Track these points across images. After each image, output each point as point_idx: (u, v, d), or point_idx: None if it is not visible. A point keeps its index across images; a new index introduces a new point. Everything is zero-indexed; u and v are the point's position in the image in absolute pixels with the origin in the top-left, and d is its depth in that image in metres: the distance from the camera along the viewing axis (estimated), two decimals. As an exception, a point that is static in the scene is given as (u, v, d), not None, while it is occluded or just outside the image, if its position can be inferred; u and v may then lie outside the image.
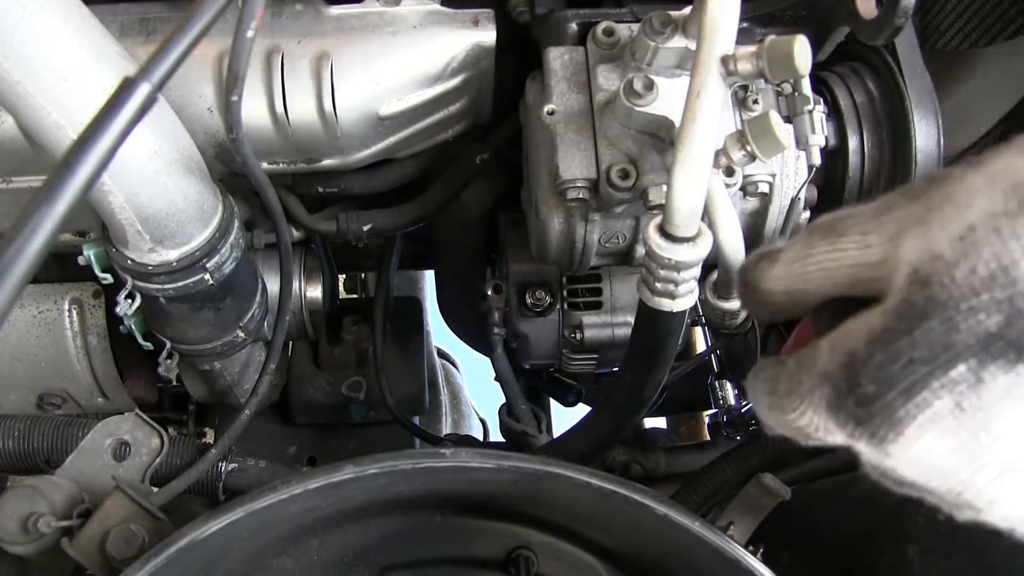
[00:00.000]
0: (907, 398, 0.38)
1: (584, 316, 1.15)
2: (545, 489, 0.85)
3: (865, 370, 0.39)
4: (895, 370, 0.38)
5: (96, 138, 0.47)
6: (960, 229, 0.37)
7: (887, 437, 0.39)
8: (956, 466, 0.39)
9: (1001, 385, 0.37)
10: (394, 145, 1.09)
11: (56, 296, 1.21)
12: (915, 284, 0.38)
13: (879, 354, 0.38)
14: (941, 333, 0.37)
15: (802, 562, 0.98)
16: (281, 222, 1.03)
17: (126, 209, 0.87)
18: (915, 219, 0.40)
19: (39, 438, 1.04)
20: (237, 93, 0.74)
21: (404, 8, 1.01)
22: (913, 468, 0.41)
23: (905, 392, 0.38)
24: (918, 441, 0.39)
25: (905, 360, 0.38)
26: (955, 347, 0.37)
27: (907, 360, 0.38)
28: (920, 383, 0.37)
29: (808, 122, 0.90)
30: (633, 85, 0.84)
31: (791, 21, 0.95)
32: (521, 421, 1.23)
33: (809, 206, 0.97)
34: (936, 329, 0.37)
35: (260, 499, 0.77)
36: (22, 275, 0.43)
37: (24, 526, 0.90)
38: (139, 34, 0.99)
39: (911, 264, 0.38)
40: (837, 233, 0.43)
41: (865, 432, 0.40)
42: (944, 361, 0.37)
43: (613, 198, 0.88)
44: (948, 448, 0.39)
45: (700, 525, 0.79)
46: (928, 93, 0.96)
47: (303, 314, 1.30)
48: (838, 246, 0.43)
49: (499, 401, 1.29)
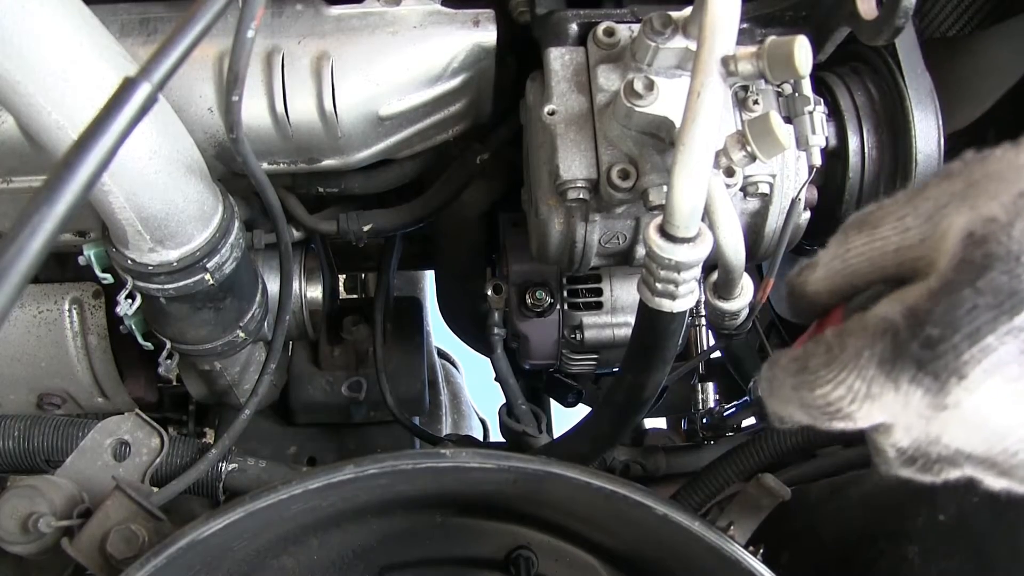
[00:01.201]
0: (972, 341, 0.38)
1: (584, 316, 1.15)
2: (545, 489, 0.85)
3: (930, 315, 0.39)
4: (960, 314, 0.38)
5: (96, 138, 0.47)
6: (1011, 196, 0.38)
7: (950, 381, 0.39)
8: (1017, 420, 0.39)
9: None
10: (394, 145, 1.09)
11: (56, 296, 1.21)
12: (971, 245, 0.39)
13: (944, 302, 0.39)
14: (1005, 282, 0.38)
15: (802, 562, 0.98)
16: (281, 222, 1.03)
17: (126, 209, 0.87)
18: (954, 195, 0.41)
19: (39, 438, 1.04)
20: (237, 93, 0.74)
21: (404, 8, 1.01)
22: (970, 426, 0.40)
23: (970, 336, 0.38)
24: (981, 386, 0.39)
25: (970, 305, 0.38)
26: (1020, 294, 0.37)
27: (972, 305, 0.38)
28: (986, 327, 0.38)
29: (808, 122, 0.90)
30: (633, 85, 0.84)
31: (791, 22, 0.95)
32: (521, 421, 1.23)
33: (809, 206, 0.97)
34: (999, 278, 0.38)
35: (260, 499, 0.77)
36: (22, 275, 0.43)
37: (24, 526, 0.90)
38: (139, 34, 0.99)
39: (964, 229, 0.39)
40: (872, 225, 0.44)
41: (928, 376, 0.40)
42: (1009, 307, 0.38)
43: (613, 198, 0.88)
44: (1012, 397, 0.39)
45: (700, 525, 0.79)
46: (928, 93, 0.96)
47: (303, 314, 1.30)
48: (876, 236, 0.44)
49: (499, 401, 1.29)
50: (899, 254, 0.43)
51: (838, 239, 0.46)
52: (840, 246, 0.46)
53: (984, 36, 1.11)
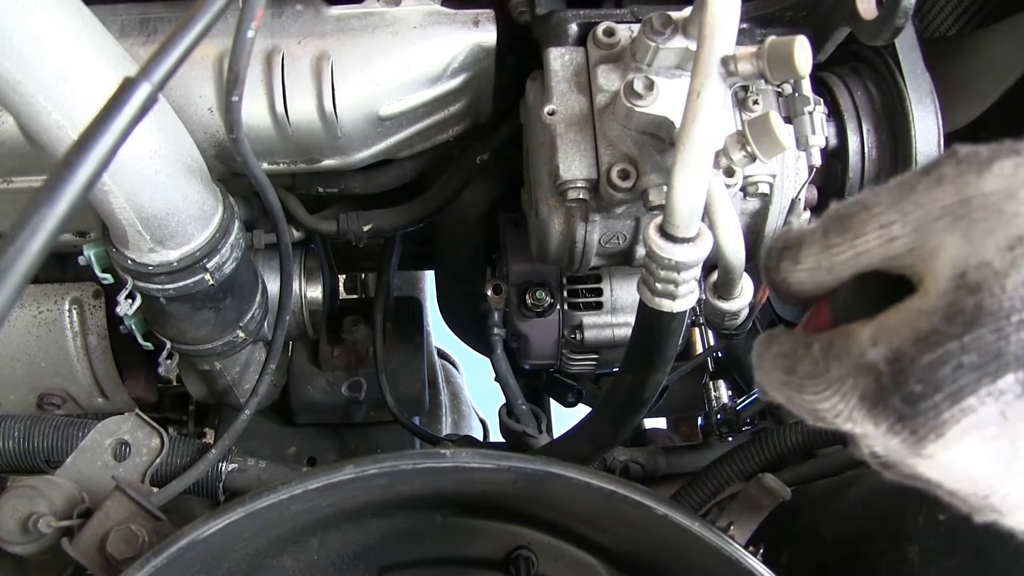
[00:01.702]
0: (953, 402, 0.38)
1: (584, 316, 1.15)
2: (545, 489, 0.85)
3: (913, 369, 0.39)
4: (944, 373, 0.38)
5: (96, 138, 0.47)
6: (1008, 239, 0.37)
7: (928, 437, 0.39)
8: (990, 472, 0.40)
9: None
10: (394, 145, 1.09)
11: (56, 296, 1.21)
12: (963, 289, 0.38)
13: (928, 355, 0.39)
14: (992, 342, 0.37)
15: (802, 562, 0.99)
16: (281, 222, 1.03)
17: (126, 209, 0.87)
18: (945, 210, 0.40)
19: (39, 438, 1.04)
20: (237, 93, 0.74)
21: (404, 8, 1.01)
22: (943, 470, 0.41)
23: (952, 396, 0.38)
24: (958, 444, 0.39)
25: (955, 364, 0.38)
26: (1005, 357, 0.37)
27: (957, 364, 0.38)
28: (968, 388, 0.38)
29: (808, 123, 0.90)
30: (633, 86, 0.84)
31: (791, 22, 0.95)
32: (521, 421, 1.23)
33: (809, 206, 0.97)
34: (987, 337, 0.37)
35: (260, 499, 0.77)
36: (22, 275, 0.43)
37: (24, 526, 0.90)
38: (139, 34, 0.99)
39: (956, 267, 0.39)
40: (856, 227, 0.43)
41: (906, 430, 0.40)
42: (994, 369, 0.37)
43: (613, 198, 0.88)
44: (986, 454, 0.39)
45: (700, 525, 0.79)
46: (928, 93, 0.96)
47: (303, 314, 1.30)
48: (860, 242, 0.43)
49: (499, 401, 1.29)
50: (885, 262, 0.43)
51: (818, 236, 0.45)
52: (822, 246, 0.45)
53: (984, 34, 1.11)
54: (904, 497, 0.89)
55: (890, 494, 0.94)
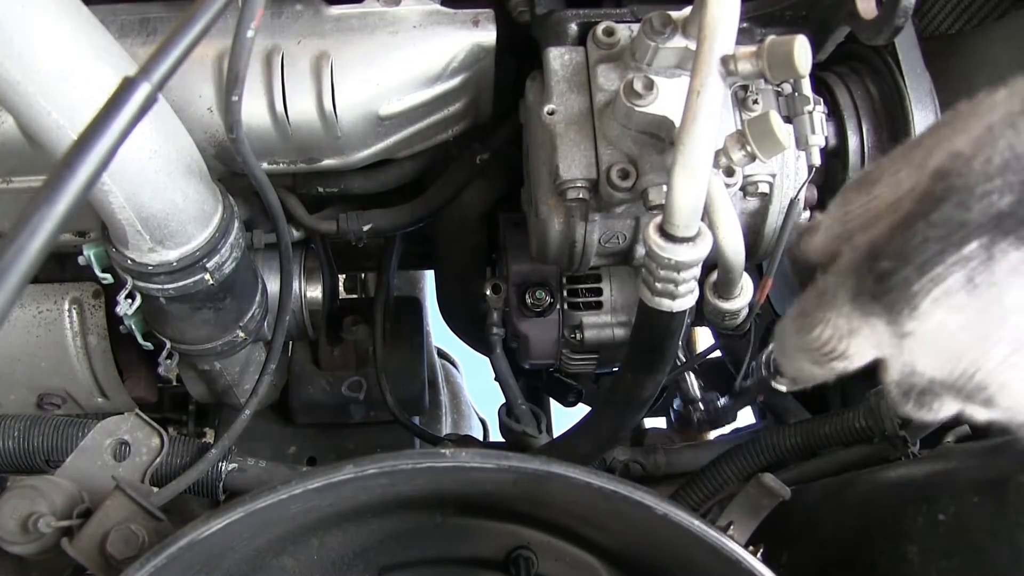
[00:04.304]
0: (921, 272, 0.39)
1: (584, 316, 1.14)
2: (545, 489, 0.85)
3: (884, 250, 0.40)
4: (911, 247, 0.39)
5: (96, 138, 0.47)
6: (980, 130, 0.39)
7: (903, 312, 0.40)
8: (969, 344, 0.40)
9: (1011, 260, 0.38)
10: (394, 145, 1.09)
11: (56, 296, 1.21)
12: (935, 178, 0.40)
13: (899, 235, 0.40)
14: (955, 213, 0.38)
15: (802, 562, 0.98)
16: (281, 222, 1.03)
17: (126, 209, 0.87)
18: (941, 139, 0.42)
19: (39, 438, 1.04)
20: (237, 93, 0.74)
21: (404, 8, 1.01)
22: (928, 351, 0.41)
23: (920, 267, 0.39)
24: (932, 316, 0.40)
25: (921, 238, 0.39)
26: (968, 225, 0.38)
27: (922, 238, 0.39)
28: (934, 259, 0.39)
29: (808, 122, 0.90)
30: (633, 85, 0.84)
31: (791, 21, 0.95)
32: (521, 421, 1.23)
33: (809, 206, 0.97)
34: (951, 210, 0.39)
35: (260, 499, 0.77)
36: (22, 275, 0.43)
37: (24, 526, 0.90)
38: (139, 34, 0.99)
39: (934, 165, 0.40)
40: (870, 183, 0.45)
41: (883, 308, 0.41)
42: (958, 238, 0.38)
43: (613, 198, 0.88)
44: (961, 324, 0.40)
45: (700, 525, 0.79)
46: (928, 92, 0.96)
47: (303, 314, 1.30)
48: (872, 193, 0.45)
49: (499, 401, 1.29)
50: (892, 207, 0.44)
51: (837, 201, 0.47)
52: (839, 208, 0.47)
53: (983, 32, 1.11)
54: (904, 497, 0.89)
55: (890, 494, 0.94)
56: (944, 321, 0.40)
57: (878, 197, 0.44)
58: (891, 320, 0.41)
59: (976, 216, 0.38)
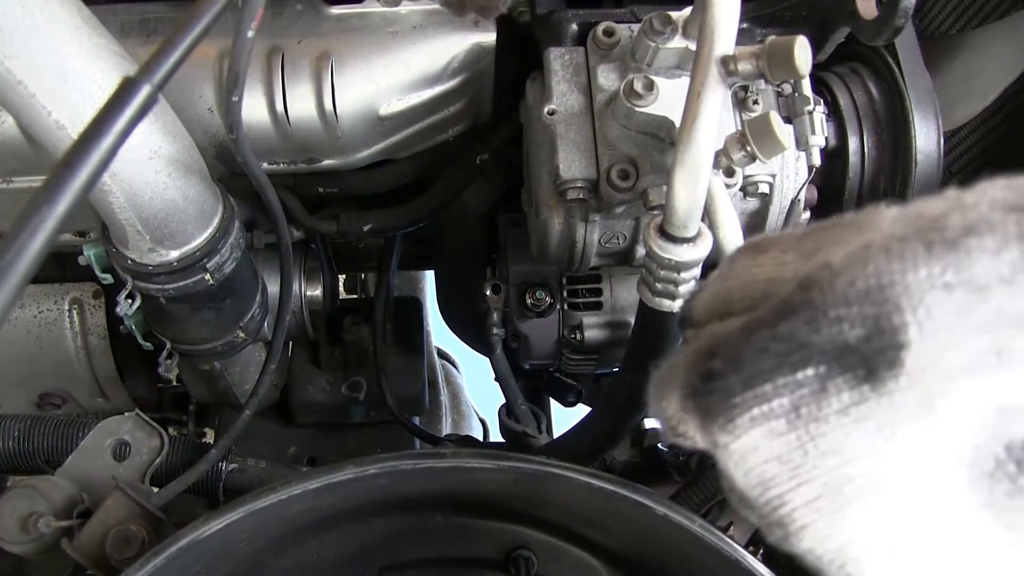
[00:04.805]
0: (747, 386, 0.36)
1: (584, 316, 1.14)
2: (545, 489, 0.85)
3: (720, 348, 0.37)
4: (747, 354, 0.36)
5: (96, 138, 0.47)
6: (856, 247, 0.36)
7: (717, 421, 0.37)
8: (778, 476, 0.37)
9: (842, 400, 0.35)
10: (394, 145, 1.09)
11: (56, 296, 1.21)
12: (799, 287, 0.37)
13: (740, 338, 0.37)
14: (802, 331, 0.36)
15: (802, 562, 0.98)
16: (281, 222, 1.03)
17: (126, 209, 0.87)
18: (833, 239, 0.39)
19: (39, 438, 1.04)
20: (237, 93, 0.74)
21: (404, 8, 1.01)
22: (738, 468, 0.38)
23: (747, 379, 0.36)
24: (745, 435, 0.37)
25: (759, 347, 0.36)
26: (809, 348, 0.35)
27: (762, 347, 0.36)
28: (765, 374, 0.36)
29: (808, 123, 0.90)
30: (633, 85, 0.84)
31: (791, 21, 0.95)
32: (521, 421, 1.23)
33: (809, 206, 0.97)
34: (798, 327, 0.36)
35: (260, 499, 0.77)
36: (22, 275, 0.43)
37: (24, 526, 0.90)
38: (139, 34, 0.99)
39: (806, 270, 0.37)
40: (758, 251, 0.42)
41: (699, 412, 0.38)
42: (796, 359, 0.36)
43: (613, 198, 0.88)
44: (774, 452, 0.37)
45: (700, 525, 0.79)
46: (928, 93, 0.96)
47: (303, 314, 1.30)
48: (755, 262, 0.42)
49: (499, 401, 1.29)
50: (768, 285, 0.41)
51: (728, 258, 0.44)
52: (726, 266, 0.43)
53: (984, 32, 1.11)
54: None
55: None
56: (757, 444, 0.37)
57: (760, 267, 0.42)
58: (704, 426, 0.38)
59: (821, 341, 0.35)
